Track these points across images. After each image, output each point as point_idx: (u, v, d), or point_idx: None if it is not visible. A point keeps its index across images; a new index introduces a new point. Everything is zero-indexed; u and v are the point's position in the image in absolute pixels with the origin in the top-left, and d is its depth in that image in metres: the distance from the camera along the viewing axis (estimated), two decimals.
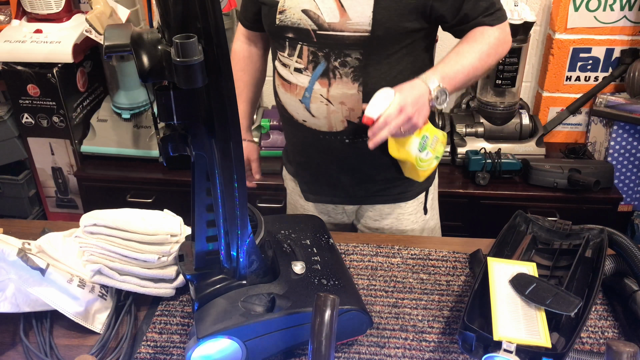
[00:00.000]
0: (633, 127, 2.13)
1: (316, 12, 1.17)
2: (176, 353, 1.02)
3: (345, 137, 1.27)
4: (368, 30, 1.15)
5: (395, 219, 1.41)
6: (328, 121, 1.25)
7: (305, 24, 1.18)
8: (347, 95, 1.21)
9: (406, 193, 1.40)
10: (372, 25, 1.15)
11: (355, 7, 1.15)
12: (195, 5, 0.69)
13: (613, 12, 2.10)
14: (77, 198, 2.31)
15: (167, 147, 0.83)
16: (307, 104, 1.24)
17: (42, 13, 2.07)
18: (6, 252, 1.01)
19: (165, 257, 1.11)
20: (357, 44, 1.17)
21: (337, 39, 1.17)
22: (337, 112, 1.24)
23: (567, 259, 1.11)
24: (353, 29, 1.16)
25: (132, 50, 0.73)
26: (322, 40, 1.18)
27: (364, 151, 1.27)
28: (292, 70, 1.23)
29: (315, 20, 1.17)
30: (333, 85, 1.21)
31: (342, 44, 1.17)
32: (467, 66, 1.18)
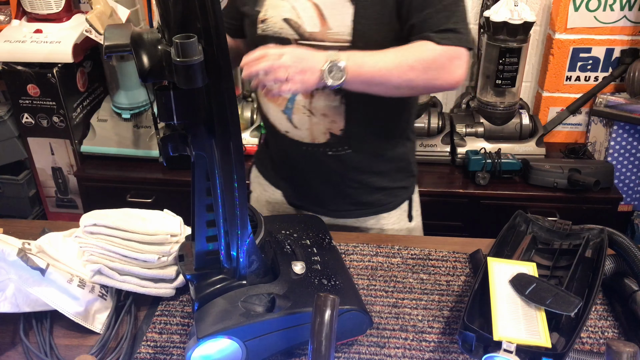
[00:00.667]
0: (633, 127, 2.13)
1: (297, 21, 1.16)
2: (176, 353, 1.02)
3: (327, 149, 1.27)
4: (349, 41, 1.14)
5: (380, 230, 1.40)
6: (310, 133, 1.24)
7: (287, 34, 1.17)
8: (330, 108, 1.20)
9: (389, 204, 1.38)
10: (352, 35, 1.13)
11: (335, 16, 1.14)
12: (195, 5, 0.69)
13: (613, 12, 2.10)
14: (77, 198, 2.31)
15: (167, 147, 0.83)
16: (289, 114, 1.24)
17: (42, 13, 2.07)
18: (6, 252, 1.01)
19: (165, 257, 1.11)
20: None
21: (319, 49, 1.14)
22: (319, 124, 1.23)
23: (567, 259, 1.11)
24: (334, 39, 1.15)
25: (132, 50, 0.73)
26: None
27: (346, 164, 1.29)
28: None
29: (296, 29, 1.16)
30: (315, 96, 1.20)
31: None
32: (380, 63, 1.07)
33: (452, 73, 1.11)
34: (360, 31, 1.13)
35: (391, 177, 1.36)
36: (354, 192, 1.35)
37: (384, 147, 1.32)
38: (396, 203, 1.39)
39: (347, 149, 1.28)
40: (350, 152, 1.28)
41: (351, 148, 1.28)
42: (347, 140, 1.26)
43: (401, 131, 1.35)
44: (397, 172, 1.37)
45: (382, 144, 1.32)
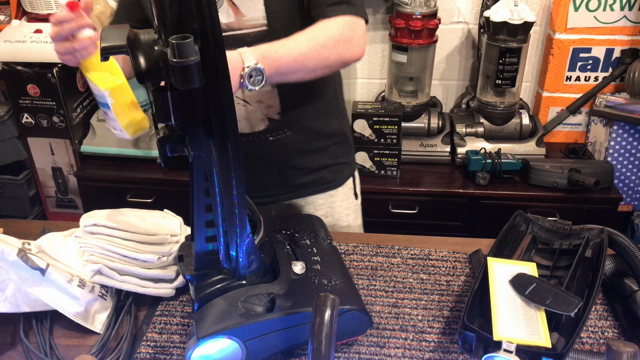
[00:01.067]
0: (633, 127, 2.13)
1: None
2: (176, 353, 1.02)
3: (268, 135, 1.28)
4: (264, 24, 1.15)
5: (329, 208, 1.43)
6: (249, 122, 1.25)
7: None
8: (263, 93, 1.21)
9: (335, 180, 1.42)
10: (267, 18, 1.15)
11: (246, 3, 1.14)
12: (192, 5, 0.69)
13: (613, 12, 2.10)
14: (77, 198, 2.31)
15: (165, 148, 0.83)
16: None
17: (42, 13, 2.08)
18: (6, 252, 1.01)
19: (165, 257, 1.11)
20: (258, 39, 1.13)
21: (238, 38, 1.16)
22: (256, 112, 1.24)
23: (567, 259, 1.11)
24: (250, 25, 1.15)
25: (128, 51, 0.73)
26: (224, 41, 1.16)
27: (288, 146, 1.31)
28: None
29: None
30: None
31: (244, 42, 1.11)
32: (295, 51, 1.07)
33: (357, 45, 1.14)
34: (274, 13, 1.14)
35: (332, 153, 1.40)
36: (298, 174, 1.38)
37: (321, 124, 1.35)
38: (342, 179, 1.44)
39: (287, 132, 1.30)
40: (290, 133, 1.30)
41: (291, 130, 1.29)
42: (286, 122, 1.28)
43: (334, 106, 1.40)
44: (336, 147, 1.41)
45: (319, 122, 1.35)
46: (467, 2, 2.21)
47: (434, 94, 2.36)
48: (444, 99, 2.42)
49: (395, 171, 2.10)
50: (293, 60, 1.07)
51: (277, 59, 1.05)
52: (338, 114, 1.42)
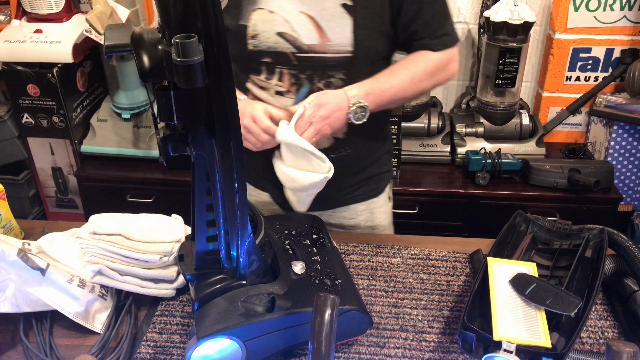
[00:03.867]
0: (633, 127, 2.13)
1: (293, 34, 1.15)
2: (176, 353, 1.02)
3: (330, 152, 1.27)
4: (350, 51, 1.15)
5: (370, 213, 1.43)
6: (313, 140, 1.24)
7: (283, 47, 1.16)
8: None
9: (377, 188, 1.43)
10: (353, 46, 1.15)
11: (334, 28, 1.14)
12: (196, 5, 0.69)
13: (613, 12, 2.10)
14: (77, 198, 2.31)
15: (167, 147, 0.83)
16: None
17: (42, 13, 2.07)
18: (6, 252, 1.01)
19: (166, 257, 1.11)
20: (340, 64, 1.17)
21: (319, 61, 1.16)
22: None
23: (567, 259, 1.11)
24: (335, 50, 1.15)
25: (132, 50, 0.73)
26: (303, 62, 1.17)
27: (346, 162, 1.31)
28: (272, 93, 1.21)
29: (292, 42, 1.15)
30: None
31: (325, 65, 1.17)
32: (396, 86, 1.17)
33: (450, 71, 1.24)
34: (360, 41, 1.15)
35: (379, 163, 1.41)
36: (349, 186, 1.38)
37: (377, 139, 1.37)
38: (383, 187, 1.44)
39: (347, 150, 1.30)
40: (351, 151, 1.30)
41: (351, 147, 1.30)
42: (348, 141, 1.28)
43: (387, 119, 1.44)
44: (383, 158, 1.42)
45: (376, 137, 1.36)
46: (467, 2, 2.21)
47: (434, 94, 2.36)
48: (444, 99, 2.42)
49: (395, 171, 2.10)
50: (393, 95, 1.18)
51: (379, 94, 1.16)
52: (387, 126, 1.44)
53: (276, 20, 1.15)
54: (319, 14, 1.14)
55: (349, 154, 1.31)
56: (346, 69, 1.18)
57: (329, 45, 1.15)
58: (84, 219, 2.13)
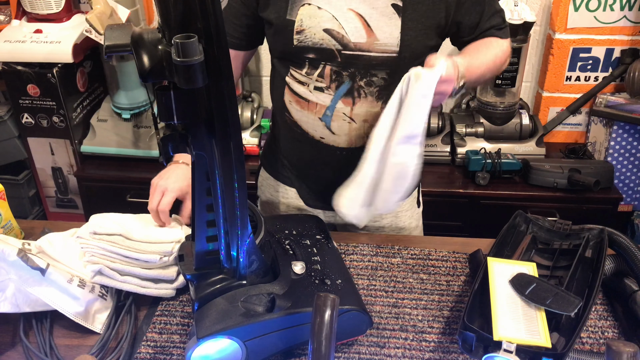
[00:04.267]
0: (633, 127, 2.13)
1: (340, 31, 1.14)
2: (176, 353, 1.02)
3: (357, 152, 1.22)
4: (396, 51, 1.15)
5: (394, 217, 1.41)
6: (349, 138, 1.24)
7: (329, 44, 1.15)
8: (371, 113, 1.20)
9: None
10: (400, 46, 1.15)
11: (382, 27, 1.14)
12: (196, 5, 0.69)
13: (613, 12, 2.10)
14: (77, 198, 2.31)
15: (167, 147, 0.83)
16: (327, 122, 1.23)
17: (42, 13, 2.07)
18: (6, 252, 1.01)
19: (166, 257, 1.11)
20: (384, 64, 1.16)
21: (364, 59, 1.16)
22: (359, 130, 1.22)
23: (567, 259, 1.11)
24: (381, 50, 1.15)
25: (132, 50, 0.73)
26: (347, 60, 1.16)
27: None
28: (311, 88, 1.20)
29: (339, 40, 1.15)
30: (357, 104, 1.19)
31: (369, 64, 1.16)
32: (484, 66, 1.18)
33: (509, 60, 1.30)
34: (407, 42, 1.15)
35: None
36: None
37: None
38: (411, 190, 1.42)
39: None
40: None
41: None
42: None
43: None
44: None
45: None
46: None
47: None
48: None
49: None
50: (481, 73, 1.18)
51: (474, 71, 1.14)
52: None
53: (324, 17, 1.14)
54: (369, 13, 1.13)
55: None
56: (390, 69, 1.17)
57: (376, 45, 1.15)
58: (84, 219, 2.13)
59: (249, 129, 2.22)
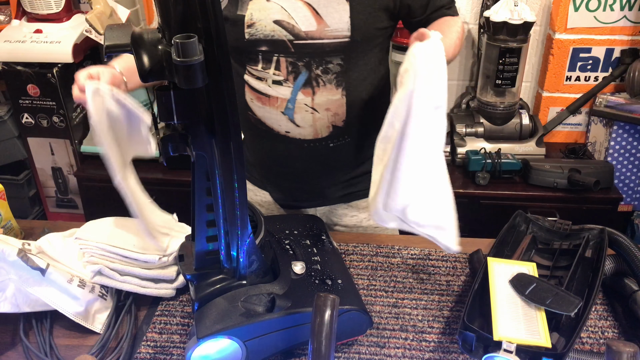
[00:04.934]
0: (633, 127, 2.13)
1: (290, 21, 1.15)
2: (176, 353, 1.02)
3: (329, 141, 1.27)
4: (347, 36, 1.15)
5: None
6: (314, 129, 1.24)
7: (280, 35, 1.16)
8: (332, 101, 1.21)
9: None
10: (350, 30, 1.15)
11: (332, 14, 1.14)
12: (196, 5, 0.69)
13: (613, 12, 2.10)
14: (77, 198, 2.31)
15: (167, 147, 0.83)
16: (290, 115, 1.23)
17: (42, 13, 2.07)
18: (6, 252, 1.01)
19: (166, 258, 1.12)
20: (337, 50, 1.16)
21: (317, 47, 1.16)
22: (322, 119, 1.23)
23: (567, 259, 1.11)
24: (332, 36, 1.15)
25: (132, 50, 0.73)
26: (301, 49, 1.16)
27: (344, 152, 1.29)
28: (269, 83, 1.21)
29: (290, 30, 1.15)
30: (317, 93, 1.20)
31: (323, 51, 1.16)
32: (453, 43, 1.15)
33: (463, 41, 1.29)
34: (358, 25, 1.15)
35: None
36: (351, 178, 1.36)
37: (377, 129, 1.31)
38: None
39: (347, 138, 1.28)
40: (350, 140, 1.29)
41: (351, 136, 1.28)
42: (349, 129, 1.27)
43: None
44: None
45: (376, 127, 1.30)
46: (467, 2, 2.21)
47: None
48: None
49: None
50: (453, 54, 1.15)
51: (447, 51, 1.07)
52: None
53: (273, 9, 1.15)
54: (316, 1, 1.14)
55: (348, 143, 1.29)
56: (344, 54, 1.17)
57: (327, 31, 1.15)
58: (84, 219, 2.12)
59: None
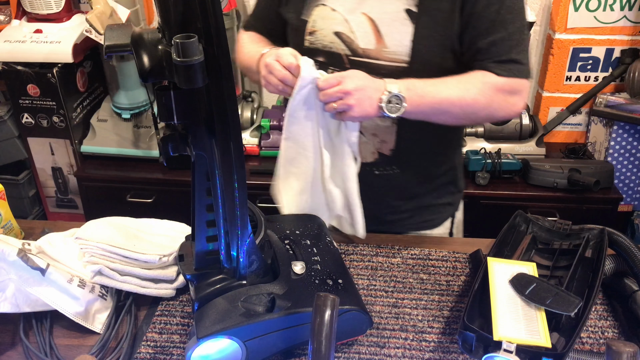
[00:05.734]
0: (633, 127, 2.13)
1: (350, 35, 1.09)
2: (176, 353, 1.02)
3: (374, 168, 1.22)
4: (406, 61, 1.08)
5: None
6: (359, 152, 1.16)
7: (338, 48, 1.11)
8: (380, 127, 1.15)
9: (432, 221, 1.34)
10: (410, 56, 1.07)
11: (392, 34, 1.07)
12: (196, 5, 0.69)
13: (613, 12, 2.10)
14: (77, 198, 2.31)
15: (167, 147, 0.83)
16: None
17: (42, 13, 2.08)
18: (6, 252, 1.01)
19: (166, 258, 1.12)
20: (393, 74, 1.08)
21: (373, 67, 1.09)
22: (368, 144, 1.19)
23: (567, 259, 1.11)
24: (390, 58, 1.09)
25: (132, 50, 0.73)
26: (356, 67, 1.08)
27: (392, 183, 1.23)
28: None
29: (348, 44, 1.10)
30: None
31: (378, 73, 1.08)
32: (443, 95, 1.04)
33: (513, 105, 1.09)
34: (419, 52, 1.07)
35: (436, 194, 1.31)
36: (394, 211, 1.30)
37: (432, 166, 1.27)
38: (439, 220, 1.35)
39: (395, 169, 1.23)
40: (399, 172, 1.23)
41: (399, 168, 1.22)
42: (396, 160, 1.20)
43: (452, 147, 1.31)
44: (443, 188, 1.32)
45: (431, 163, 1.27)
46: None
47: None
48: None
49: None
50: (437, 103, 1.04)
51: (422, 95, 1.02)
52: (453, 152, 1.32)
53: (336, 19, 1.10)
54: (380, 17, 1.08)
55: (396, 175, 1.22)
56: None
57: (385, 52, 1.08)
58: (84, 219, 2.13)
59: (249, 129, 2.22)
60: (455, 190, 1.36)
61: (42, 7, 2.06)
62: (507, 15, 1.05)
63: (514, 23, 1.06)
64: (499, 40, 1.05)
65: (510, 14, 1.05)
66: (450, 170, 1.32)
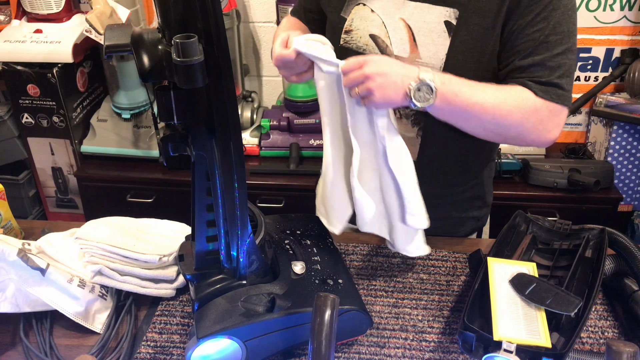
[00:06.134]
0: (633, 127, 2.13)
1: (385, 40, 1.06)
2: (176, 353, 1.02)
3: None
4: None
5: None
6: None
7: (371, 52, 1.07)
8: (405, 138, 1.08)
9: (456, 233, 1.31)
10: (443, 69, 1.02)
11: (428, 45, 1.03)
12: (196, 5, 0.69)
13: (613, 12, 2.10)
14: (77, 198, 2.31)
15: (167, 147, 0.83)
16: None
17: (42, 13, 2.07)
18: (6, 252, 1.01)
19: (166, 258, 1.12)
20: None
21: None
22: None
23: (567, 259, 1.11)
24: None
25: (132, 50, 0.73)
26: None
27: None
28: None
29: (382, 49, 1.07)
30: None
31: None
32: (477, 99, 0.97)
33: (548, 131, 1.02)
34: (454, 67, 1.02)
35: (460, 206, 1.29)
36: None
37: (456, 179, 1.25)
38: (462, 233, 1.32)
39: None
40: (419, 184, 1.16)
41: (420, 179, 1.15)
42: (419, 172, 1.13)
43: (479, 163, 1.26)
44: (466, 202, 1.29)
45: (455, 176, 1.24)
46: None
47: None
48: None
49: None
50: (470, 106, 0.96)
51: (455, 93, 0.95)
52: (481, 167, 1.27)
53: (374, 21, 1.08)
54: (418, 26, 1.04)
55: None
56: None
57: (417, 62, 1.03)
58: (84, 219, 2.13)
59: (249, 129, 2.22)
60: (483, 205, 1.33)
61: (42, 7, 2.06)
62: (553, 37, 0.98)
63: (559, 45, 0.99)
64: (540, 61, 0.99)
65: (557, 35, 0.98)
66: (477, 185, 1.28)
